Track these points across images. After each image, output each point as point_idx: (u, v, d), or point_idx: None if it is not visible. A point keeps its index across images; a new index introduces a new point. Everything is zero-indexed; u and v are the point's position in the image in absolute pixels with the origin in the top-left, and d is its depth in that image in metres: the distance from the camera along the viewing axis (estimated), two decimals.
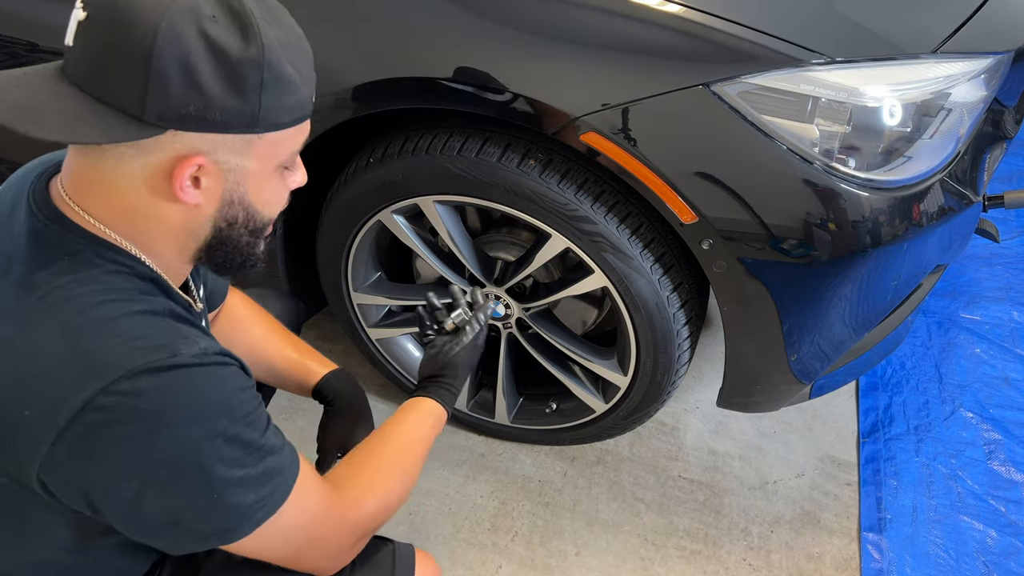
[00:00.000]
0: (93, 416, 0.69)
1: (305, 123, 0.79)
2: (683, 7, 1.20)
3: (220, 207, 0.77)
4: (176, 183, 0.73)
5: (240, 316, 1.19)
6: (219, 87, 0.69)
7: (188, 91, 0.68)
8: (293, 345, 1.22)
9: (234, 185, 0.76)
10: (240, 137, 0.73)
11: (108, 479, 0.72)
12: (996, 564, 1.59)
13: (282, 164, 0.80)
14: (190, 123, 0.70)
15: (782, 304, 1.28)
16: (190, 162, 0.72)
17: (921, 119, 1.23)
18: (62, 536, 0.82)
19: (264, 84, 0.71)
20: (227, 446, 0.74)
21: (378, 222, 1.52)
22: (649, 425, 1.89)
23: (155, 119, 0.68)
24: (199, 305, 0.93)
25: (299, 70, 0.75)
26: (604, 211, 1.31)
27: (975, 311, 2.19)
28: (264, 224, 0.83)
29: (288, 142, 0.78)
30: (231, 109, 0.70)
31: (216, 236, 0.80)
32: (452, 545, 1.61)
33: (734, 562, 1.61)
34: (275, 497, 0.79)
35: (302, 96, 0.76)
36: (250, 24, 0.70)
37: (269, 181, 0.79)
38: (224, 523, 0.77)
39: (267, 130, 0.74)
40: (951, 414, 1.91)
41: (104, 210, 0.76)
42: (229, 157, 0.74)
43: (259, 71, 0.70)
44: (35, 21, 1.46)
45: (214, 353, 0.76)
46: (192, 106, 0.69)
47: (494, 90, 1.22)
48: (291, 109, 0.75)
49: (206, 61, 0.68)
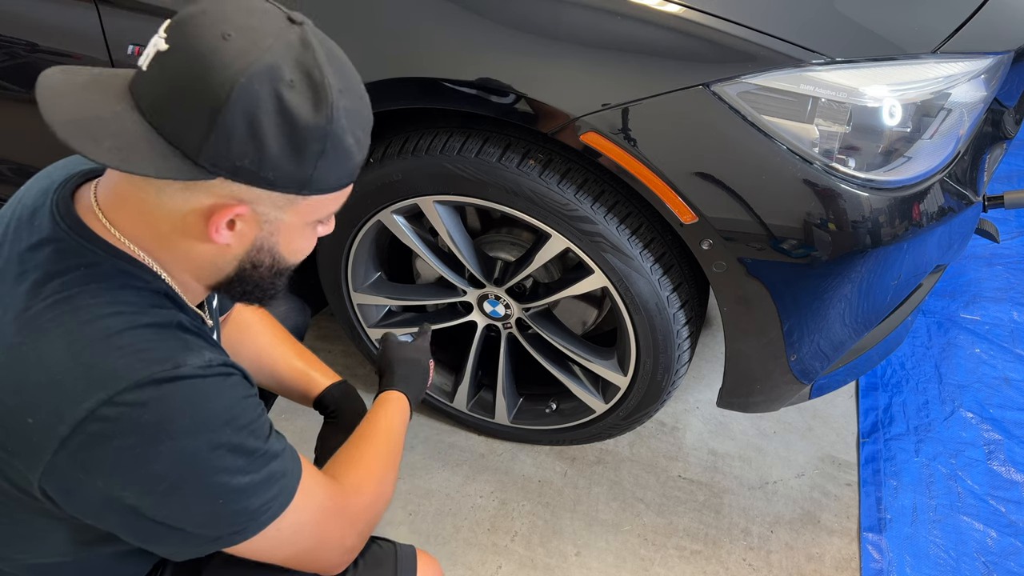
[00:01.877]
0: (96, 426, 0.69)
1: (350, 186, 0.79)
2: (683, 7, 1.20)
3: (249, 251, 0.78)
4: (213, 226, 0.73)
5: (248, 322, 1.20)
6: (279, 149, 0.69)
7: (249, 146, 0.68)
8: (298, 354, 1.23)
9: (268, 235, 0.77)
10: (286, 196, 0.74)
11: (109, 488, 0.72)
12: (996, 564, 1.59)
13: (318, 220, 0.81)
14: (242, 175, 0.70)
15: (782, 304, 1.28)
16: (232, 210, 0.72)
17: (921, 119, 1.22)
18: (63, 541, 0.82)
19: (324, 153, 0.72)
20: (230, 455, 0.75)
21: (378, 222, 1.52)
22: (649, 425, 1.89)
23: (209, 164, 0.69)
24: (210, 322, 0.94)
25: (358, 139, 0.75)
26: (604, 211, 1.31)
27: (975, 311, 2.19)
28: (288, 269, 0.84)
29: (330, 203, 0.79)
30: (286, 171, 0.71)
31: (239, 275, 0.81)
32: (452, 545, 1.61)
33: (734, 562, 1.61)
34: (280, 499, 0.80)
35: (355, 164, 0.77)
36: (325, 97, 0.70)
37: (302, 234, 0.80)
38: (229, 527, 0.78)
39: (314, 193, 0.75)
40: (951, 414, 1.91)
41: (134, 229, 0.76)
42: (270, 210, 0.75)
43: (323, 142, 0.71)
44: (36, 21, 1.46)
45: (218, 364, 0.76)
46: (248, 160, 0.69)
47: (494, 90, 1.22)
48: (341, 177, 0.76)
49: (273, 122, 0.68)
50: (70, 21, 1.42)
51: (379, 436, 1.04)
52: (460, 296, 1.61)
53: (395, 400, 1.13)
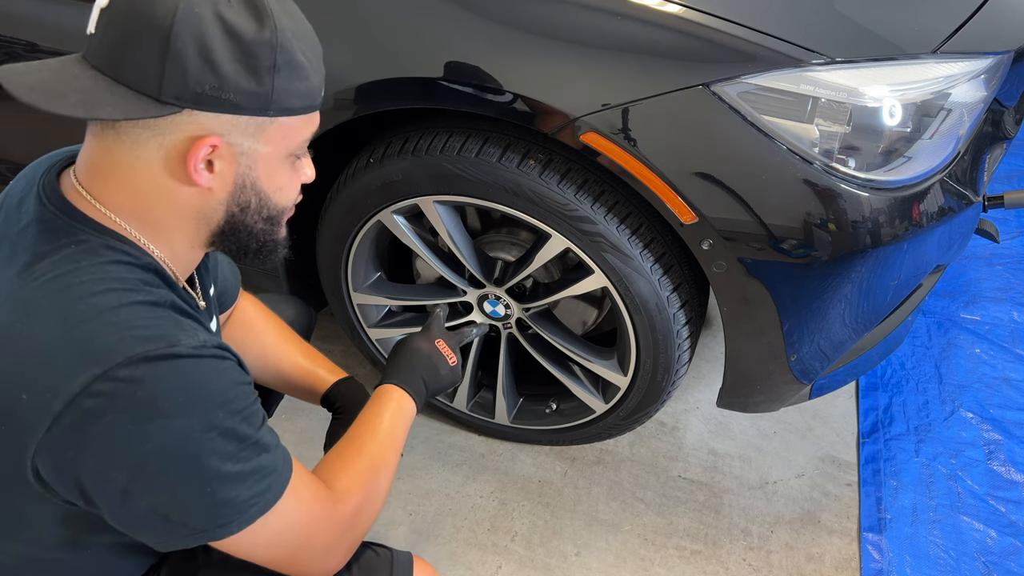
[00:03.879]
0: (90, 402, 0.69)
1: (315, 114, 0.82)
2: (683, 7, 1.20)
3: (233, 191, 0.79)
4: (191, 164, 0.74)
5: (252, 321, 1.19)
6: (234, 68, 0.72)
7: (204, 71, 0.71)
8: (304, 352, 1.23)
9: (247, 169, 0.78)
10: (253, 120, 0.76)
11: (100, 467, 0.72)
12: (996, 564, 1.59)
13: (292, 152, 0.82)
14: (206, 102, 0.72)
15: (782, 304, 1.28)
16: (204, 142, 0.74)
17: (921, 119, 1.22)
18: (56, 532, 0.82)
19: (277, 66, 0.74)
20: (222, 439, 0.74)
21: (378, 222, 1.52)
22: (649, 425, 1.89)
23: (172, 98, 0.71)
24: (202, 303, 0.94)
25: (309, 59, 0.78)
26: (604, 211, 1.31)
27: (975, 311, 2.19)
28: (277, 212, 0.85)
29: (299, 130, 0.81)
30: (245, 90, 0.73)
31: (229, 222, 0.82)
32: (452, 545, 1.62)
33: (734, 562, 1.61)
34: (269, 495, 0.79)
35: (312, 84, 0.79)
36: (264, 10, 0.73)
37: (280, 168, 0.82)
38: (215, 518, 0.77)
39: (279, 114, 0.77)
40: (951, 414, 1.91)
41: (117, 196, 0.77)
42: (242, 140, 0.76)
43: (272, 53, 0.73)
44: (36, 21, 1.46)
45: (212, 346, 0.76)
46: (208, 85, 0.71)
47: (494, 90, 1.22)
48: (302, 95, 0.78)
49: (222, 42, 0.71)
50: (70, 21, 1.42)
51: (369, 438, 1.00)
52: (460, 296, 1.61)
53: (390, 396, 1.07)
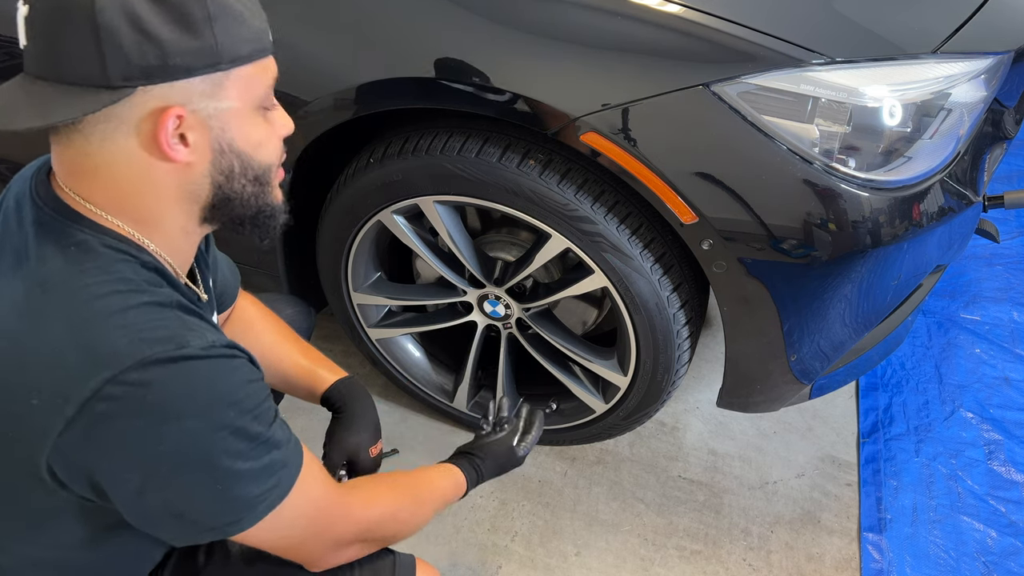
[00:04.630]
0: (102, 406, 0.69)
1: (268, 60, 0.79)
2: (683, 7, 1.20)
3: (212, 159, 0.77)
4: (163, 140, 0.73)
5: (252, 319, 1.19)
6: (169, 30, 0.70)
7: (142, 42, 0.69)
8: (304, 352, 1.22)
9: (220, 132, 0.76)
10: (208, 78, 0.74)
11: (114, 468, 0.72)
12: (996, 564, 1.59)
13: (260, 104, 0.80)
14: (155, 74, 0.70)
15: (782, 304, 1.28)
16: (169, 113, 0.72)
17: (921, 119, 1.22)
18: (69, 531, 0.82)
19: (212, 16, 0.72)
20: (233, 438, 0.75)
21: (378, 222, 1.52)
22: (649, 425, 1.89)
23: (120, 80, 0.69)
24: (205, 296, 0.94)
25: (244, 2, 0.75)
26: (604, 211, 1.31)
27: (975, 311, 2.19)
28: (263, 170, 0.82)
29: (257, 78, 0.78)
30: (188, 49, 0.71)
31: (217, 193, 0.80)
32: (452, 545, 1.61)
33: (734, 562, 1.61)
34: (278, 490, 0.80)
35: (255, 26, 0.76)
36: None
37: (252, 122, 0.79)
38: (227, 515, 0.77)
39: (231, 65, 0.74)
40: (951, 414, 1.91)
41: (103, 195, 0.76)
42: (205, 103, 0.74)
43: (203, 4, 0.71)
44: None
45: (222, 346, 0.76)
46: (151, 55, 0.69)
47: (494, 90, 1.22)
48: (247, 41, 0.76)
49: (149, 8, 0.69)
50: None
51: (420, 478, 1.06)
52: (460, 296, 1.61)
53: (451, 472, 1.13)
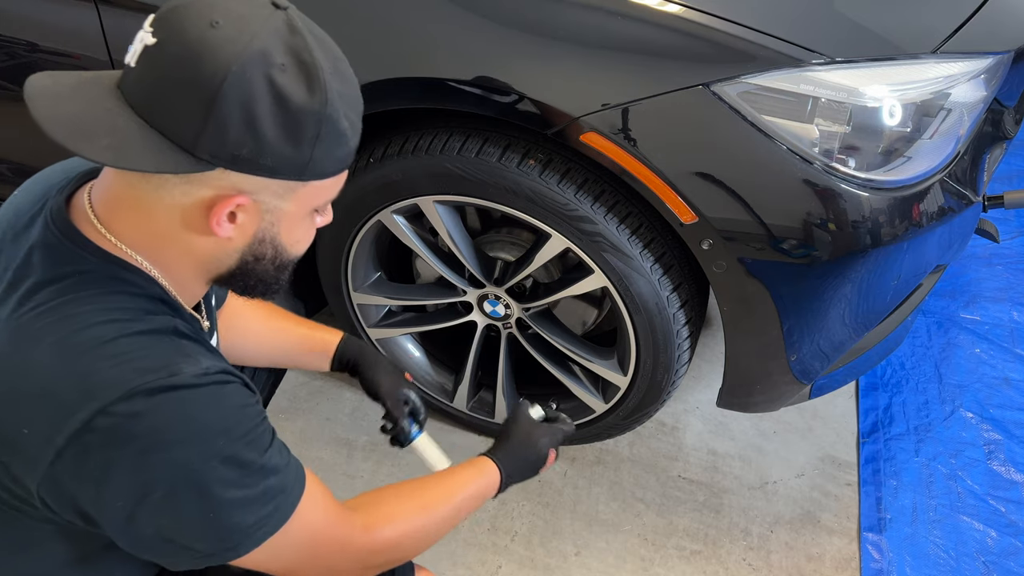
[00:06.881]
0: (90, 437, 0.68)
1: (345, 171, 0.79)
2: (683, 7, 1.20)
3: (251, 243, 0.77)
4: (214, 218, 0.72)
5: (239, 307, 1.18)
6: (276, 134, 0.69)
7: (245, 134, 0.68)
8: (298, 322, 1.23)
9: (269, 225, 0.76)
10: (285, 183, 0.73)
11: (104, 497, 0.71)
12: (996, 564, 1.59)
13: (316, 210, 0.80)
14: (241, 164, 0.69)
15: (782, 304, 1.28)
16: (232, 200, 0.71)
17: (921, 119, 1.23)
18: (62, 550, 0.82)
19: (320, 136, 0.71)
20: (224, 467, 0.73)
21: (378, 222, 1.52)
22: (649, 425, 1.89)
23: (207, 156, 0.68)
24: (206, 323, 0.93)
25: (352, 123, 0.75)
26: (604, 211, 1.31)
27: (975, 311, 2.19)
28: (290, 261, 0.83)
29: (328, 190, 0.78)
30: (283, 156, 0.70)
31: (240, 268, 0.80)
32: (452, 545, 1.61)
33: (734, 562, 1.61)
34: (276, 517, 0.78)
35: (351, 148, 0.76)
36: (317, 77, 0.69)
37: (302, 223, 0.80)
38: (222, 542, 0.76)
39: (312, 179, 0.74)
40: (951, 414, 1.91)
41: (131, 231, 0.75)
42: (271, 199, 0.74)
43: (318, 125, 0.70)
44: (35, 21, 1.46)
45: (216, 372, 0.75)
46: (246, 148, 0.68)
47: (495, 90, 1.22)
48: (339, 161, 0.75)
49: (268, 108, 0.67)
50: (70, 21, 1.42)
51: (439, 488, 1.00)
52: (460, 296, 1.61)
53: (483, 466, 1.07)
